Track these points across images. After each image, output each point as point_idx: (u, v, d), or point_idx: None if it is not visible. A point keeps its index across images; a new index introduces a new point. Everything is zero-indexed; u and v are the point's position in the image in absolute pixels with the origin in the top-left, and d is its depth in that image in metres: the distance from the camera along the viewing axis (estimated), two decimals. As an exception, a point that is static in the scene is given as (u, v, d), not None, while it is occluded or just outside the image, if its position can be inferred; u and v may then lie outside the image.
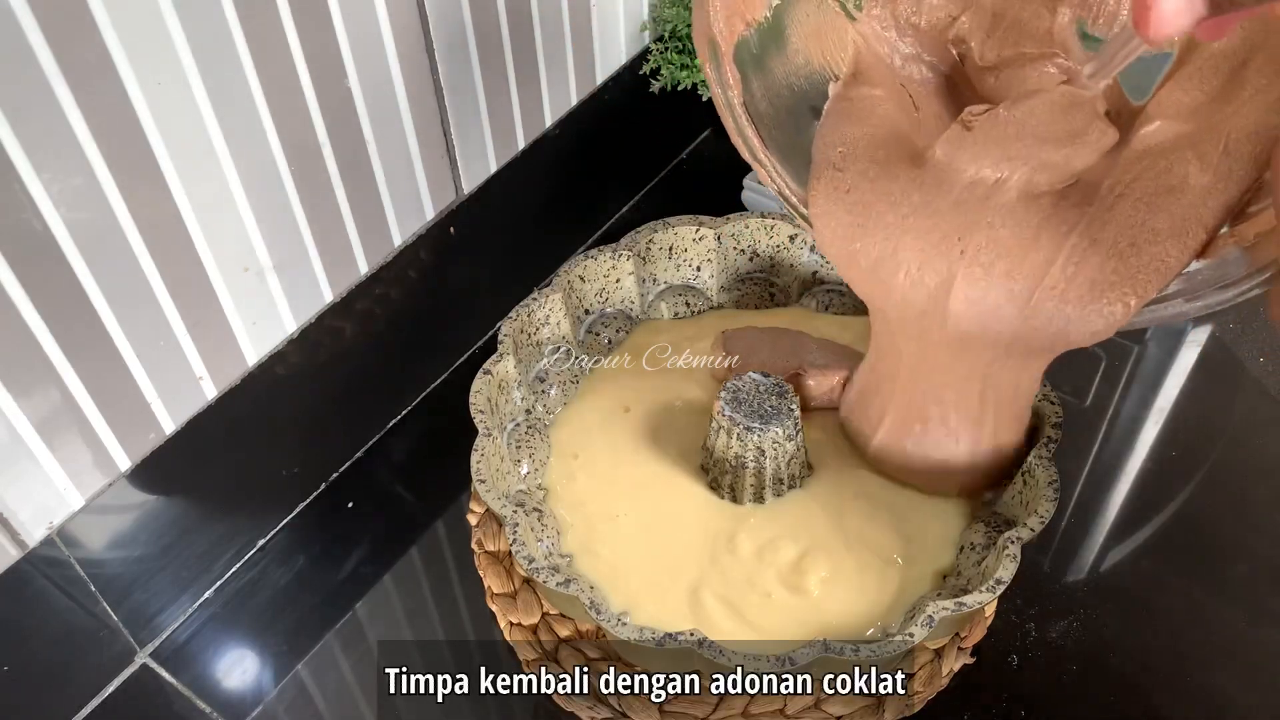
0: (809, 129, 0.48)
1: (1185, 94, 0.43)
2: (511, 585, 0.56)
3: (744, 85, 0.45)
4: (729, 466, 0.54)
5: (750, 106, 0.46)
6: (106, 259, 0.45)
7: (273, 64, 0.48)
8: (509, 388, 0.58)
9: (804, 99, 0.48)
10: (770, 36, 0.47)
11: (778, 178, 0.47)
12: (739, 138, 0.46)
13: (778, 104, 0.47)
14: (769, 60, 0.47)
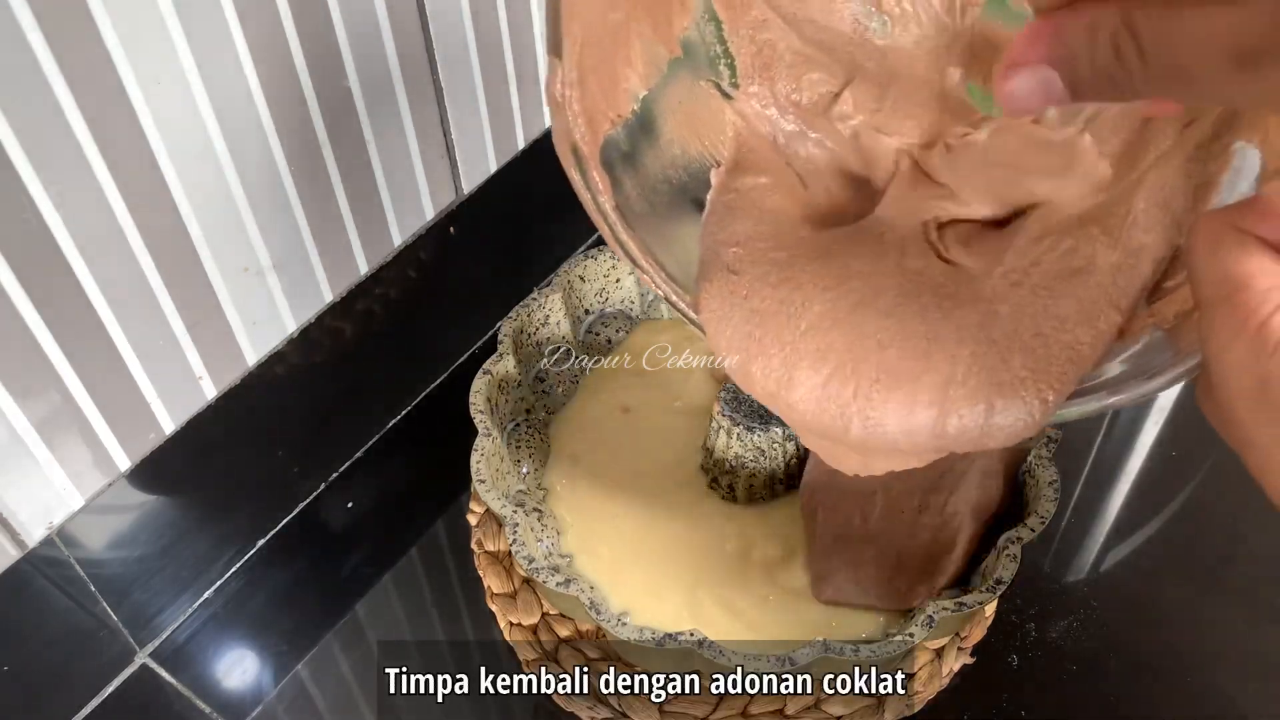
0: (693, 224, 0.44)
1: None
2: (511, 585, 0.56)
3: (616, 186, 0.41)
4: (729, 466, 0.54)
5: (625, 208, 0.42)
6: (106, 259, 0.45)
7: (272, 63, 0.48)
8: (509, 388, 0.58)
9: (684, 192, 0.45)
10: (640, 130, 0.43)
11: (662, 283, 0.42)
12: (615, 244, 0.42)
13: (655, 200, 0.43)
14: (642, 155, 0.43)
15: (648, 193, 0.43)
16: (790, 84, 0.46)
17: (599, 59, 0.40)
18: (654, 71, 0.43)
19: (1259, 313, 0.26)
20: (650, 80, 0.43)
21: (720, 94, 0.45)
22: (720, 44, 0.45)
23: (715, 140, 0.46)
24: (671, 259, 0.43)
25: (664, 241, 0.43)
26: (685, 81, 0.45)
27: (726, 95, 0.46)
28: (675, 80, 0.44)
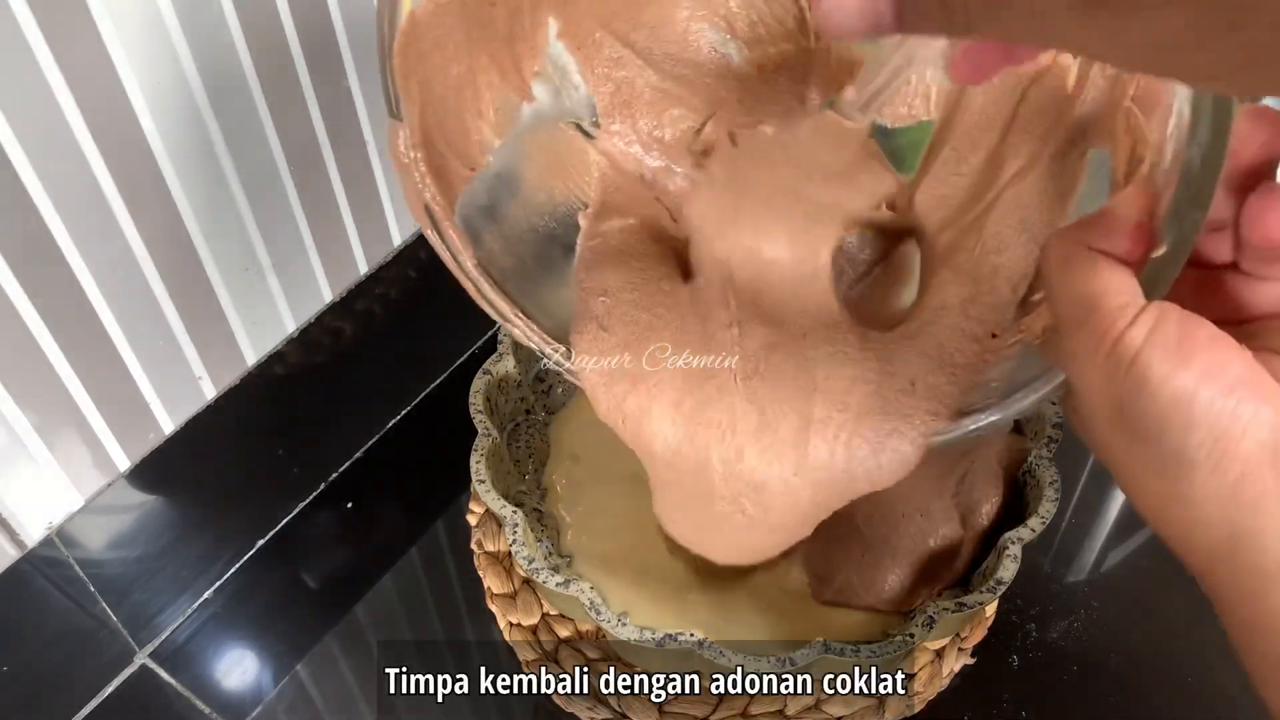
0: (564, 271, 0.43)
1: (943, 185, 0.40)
2: (511, 585, 0.56)
3: (479, 241, 0.40)
4: (729, 466, 0.54)
5: (490, 264, 0.41)
6: (106, 259, 0.45)
7: (272, 63, 0.48)
8: (509, 388, 0.57)
9: (552, 240, 0.44)
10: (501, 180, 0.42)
11: (535, 337, 0.41)
12: (483, 302, 0.40)
13: (522, 252, 0.43)
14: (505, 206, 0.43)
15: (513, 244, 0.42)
16: (652, 120, 0.45)
17: (444, 114, 0.39)
18: (508, 120, 0.42)
19: (1111, 334, 0.26)
20: (504, 129, 0.42)
21: (582, 135, 0.44)
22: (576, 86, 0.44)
23: (581, 182, 0.45)
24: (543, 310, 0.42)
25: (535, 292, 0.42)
26: (544, 126, 0.44)
27: (588, 135, 0.45)
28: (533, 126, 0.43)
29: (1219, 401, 0.25)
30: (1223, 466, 0.25)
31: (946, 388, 0.36)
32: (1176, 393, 0.25)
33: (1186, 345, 0.25)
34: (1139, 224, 0.27)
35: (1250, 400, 0.25)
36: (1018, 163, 0.38)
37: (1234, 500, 0.25)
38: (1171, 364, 0.25)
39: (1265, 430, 0.25)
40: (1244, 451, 0.25)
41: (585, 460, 0.58)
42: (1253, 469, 0.25)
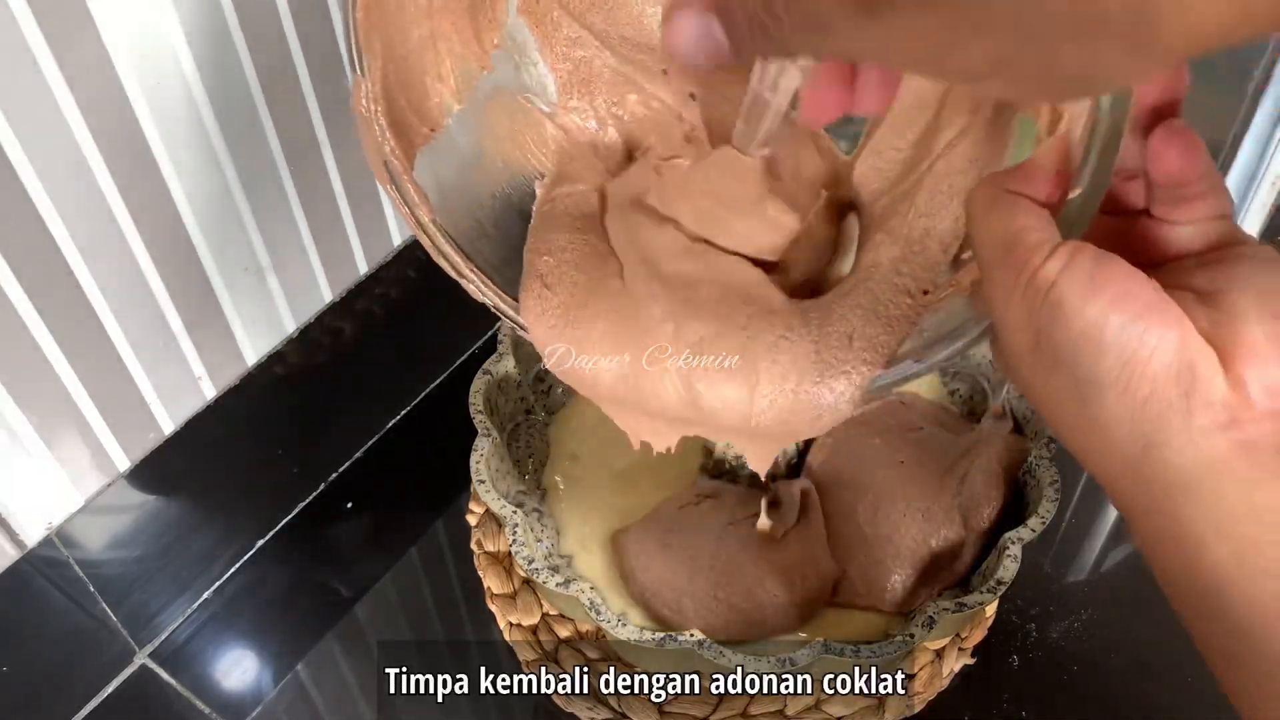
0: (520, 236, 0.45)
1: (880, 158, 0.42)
2: (511, 585, 0.56)
3: (440, 199, 0.42)
4: (729, 467, 0.54)
5: (448, 220, 0.42)
6: (105, 259, 0.45)
7: (272, 63, 0.48)
8: (509, 388, 0.57)
9: (510, 205, 0.45)
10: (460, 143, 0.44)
11: (490, 293, 0.43)
12: (439, 257, 0.42)
13: (480, 215, 0.44)
14: (465, 171, 0.44)
15: (474, 207, 0.44)
16: (610, 100, 0.47)
17: (406, 74, 0.41)
18: (468, 86, 0.44)
19: (1028, 269, 0.28)
20: (464, 95, 0.44)
21: (540, 109, 0.46)
22: (536, 61, 0.46)
23: (539, 154, 0.46)
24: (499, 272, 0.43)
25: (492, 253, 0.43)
26: (504, 96, 0.45)
27: (546, 110, 0.46)
28: (493, 95, 0.45)
29: (1128, 327, 0.26)
30: (1131, 388, 0.27)
31: (882, 337, 0.38)
32: (1088, 320, 0.27)
33: (1098, 277, 0.27)
34: (1058, 171, 0.30)
35: (1157, 325, 0.26)
36: (950, 134, 0.40)
37: (1142, 418, 0.27)
38: (1084, 294, 0.27)
39: (1170, 353, 0.26)
40: (1151, 373, 0.26)
41: (585, 460, 0.58)
42: (1159, 389, 0.26)
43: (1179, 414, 0.26)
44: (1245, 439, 0.26)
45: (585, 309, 0.41)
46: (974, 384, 0.60)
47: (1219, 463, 0.26)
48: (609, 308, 0.41)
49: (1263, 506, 0.26)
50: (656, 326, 0.39)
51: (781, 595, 0.49)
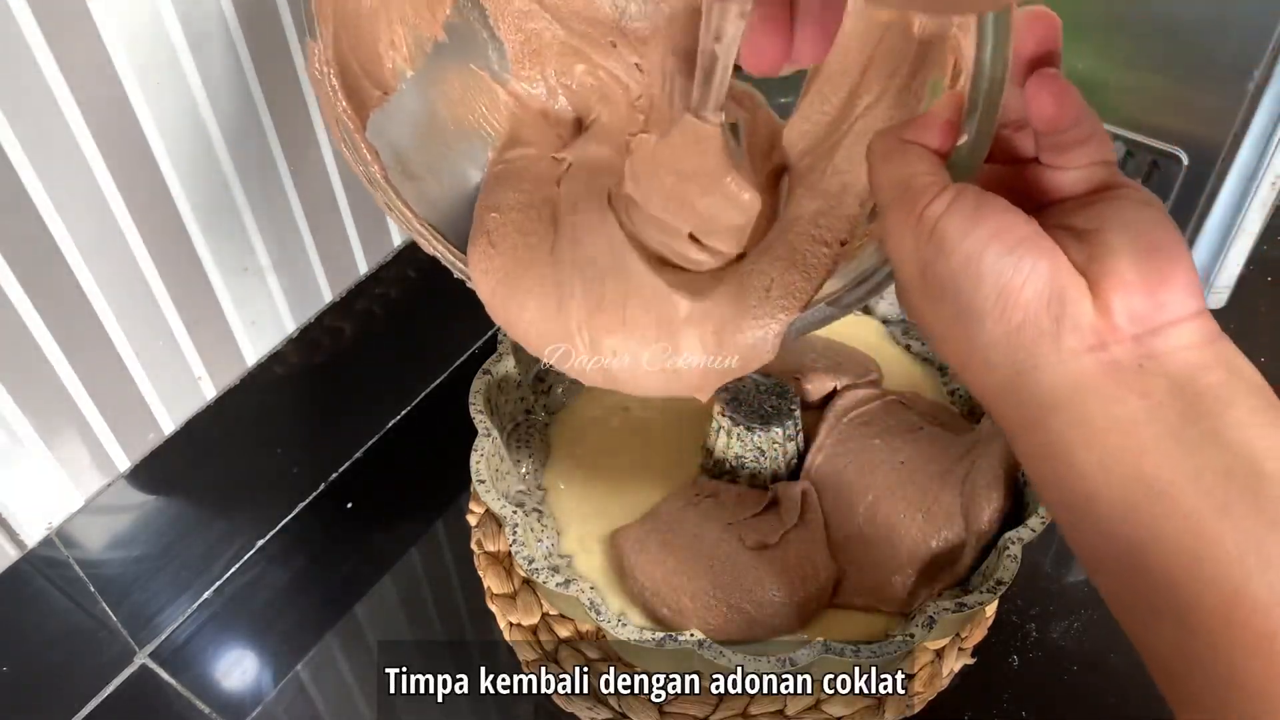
0: (472, 191, 0.47)
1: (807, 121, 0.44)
2: (511, 585, 0.56)
3: (393, 158, 0.44)
4: (729, 466, 0.54)
5: (405, 170, 0.45)
6: (105, 259, 0.45)
7: (272, 63, 0.48)
8: (509, 388, 0.57)
9: (465, 159, 0.48)
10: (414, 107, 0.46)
11: (439, 244, 0.45)
12: (390, 211, 0.44)
13: (433, 174, 0.46)
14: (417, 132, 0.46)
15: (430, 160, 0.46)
16: (559, 70, 0.49)
17: (358, 39, 0.43)
18: (420, 53, 0.46)
19: (917, 207, 0.31)
20: (417, 61, 0.46)
21: (491, 79, 0.48)
22: (488, 30, 0.48)
23: (491, 118, 0.48)
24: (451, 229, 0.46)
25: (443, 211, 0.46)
26: (457, 64, 0.47)
27: (498, 79, 0.48)
28: (446, 63, 0.47)
29: (1003, 258, 0.29)
30: (1007, 314, 0.29)
31: (800, 284, 0.41)
32: (967, 252, 0.29)
33: (979, 214, 0.29)
34: (948, 121, 0.32)
35: (1030, 256, 0.29)
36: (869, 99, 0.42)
37: (1016, 343, 0.29)
38: (964, 229, 0.29)
39: (1042, 281, 0.29)
40: (1024, 300, 0.29)
41: (585, 460, 0.58)
42: (1031, 315, 0.29)
43: (1049, 338, 0.29)
44: (1110, 360, 0.29)
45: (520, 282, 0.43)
46: (974, 384, 0.60)
47: (1085, 381, 0.29)
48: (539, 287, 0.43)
49: (1124, 418, 0.28)
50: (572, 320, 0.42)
51: (781, 595, 0.49)
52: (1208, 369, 0.28)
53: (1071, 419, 0.29)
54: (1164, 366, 0.28)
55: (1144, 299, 0.29)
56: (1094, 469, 0.29)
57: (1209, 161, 0.62)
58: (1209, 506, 0.27)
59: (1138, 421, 0.28)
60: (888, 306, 0.64)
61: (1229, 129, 0.60)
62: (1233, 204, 0.63)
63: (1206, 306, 0.30)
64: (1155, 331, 0.29)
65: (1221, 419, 0.28)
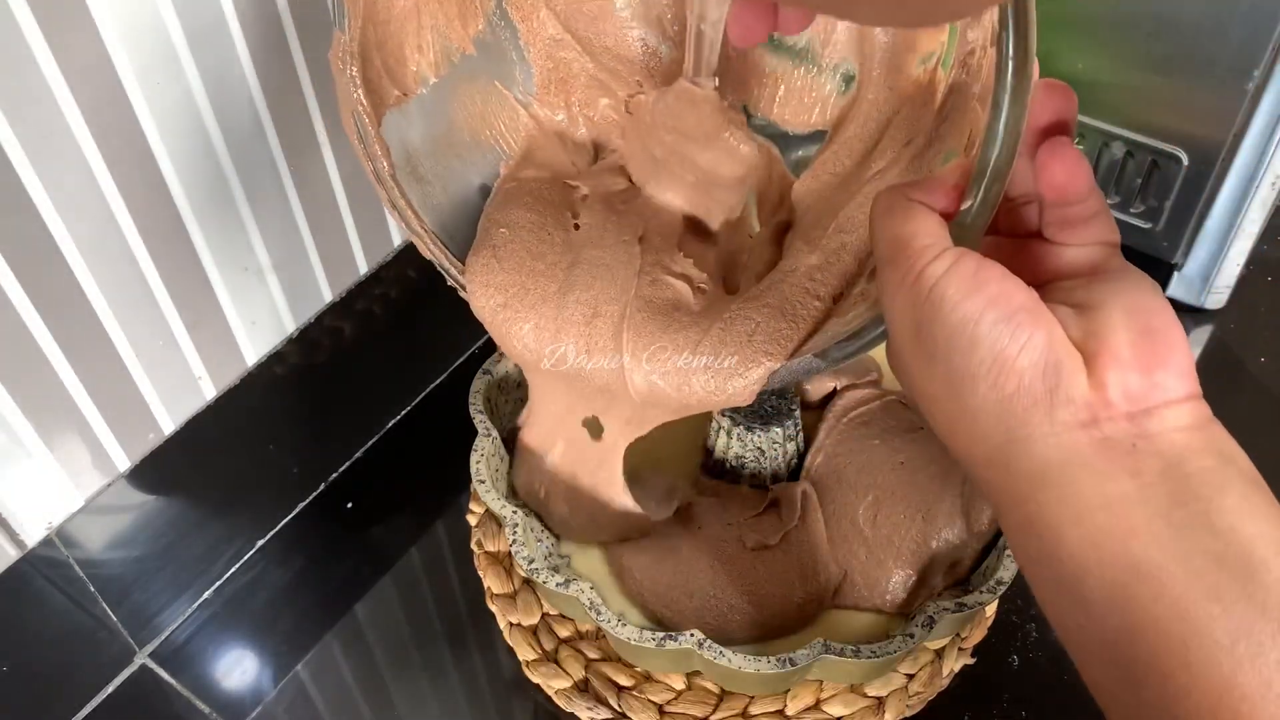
0: (474, 205, 0.48)
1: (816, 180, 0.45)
2: (511, 585, 0.56)
3: (403, 158, 0.45)
4: (729, 466, 0.54)
5: (414, 172, 0.45)
6: (105, 259, 0.45)
7: (272, 63, 0.48)
8: (509, 388, 0.57)
9: (474, 170, 0.48)
10: (432, 112, 0.46)
11: (436, 249, 0.46)
12: (393, 209, 0.45)
13: (441, 181, 0.47)
14: (431, 138, 0.47)
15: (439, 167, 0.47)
16: (584, 101, 0.50)
17: (386, 38, 0.44)
18: (445, 62, 0.47)
19: (916, 266, 0.30)
20: (441, 69, 0.47)
21: (515, 97, 0.49)
22: (517, 52, 0.49)
23: (508, 135, 0.49)
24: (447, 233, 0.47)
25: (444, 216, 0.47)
26: (482, 79, 0.48)
27: (521, 100, 0.49)
28: (470, 75, 0.48)
29: (1000, 324, 0.29)
30: (1000, 381, 0.29)
31: (787, 332, 0.42)
32: (965, 315, 0.29)
33: (979, 279, 0.29)
34: (955, 185, 0.32)
35: (1027, 325, 0.29)
36: (881, 163, 0.43)
37: (1009, 411, 0.29)
38: (963, 292, 0.29)
39: (1038, 351, 0.29)
40: (1019, 368, 0.29)
41: (585, 460, 0.58)
42: (1026, 384, 0.29)
43: (1043, 409, 0.29)
44: (1103, 436, 0.28)
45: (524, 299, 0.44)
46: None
47: (1076, 456, 0.28)
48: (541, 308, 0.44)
49: (1115, 496, 0.28)
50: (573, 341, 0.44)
51: (781, 596, 0.49)
52: (1200, 453, 0.28)
53: (1062, 494, 0.29)
54: (1156, 447, 0.28)
55: (1139, 377, 0.29)
56: (1083, 547, 0.28)
57: (1209, 161, 0.62)
58: (1199, 590, 0.26)
59: (1129, 501, 0.28)
60: (888, 306, 0.64)
61: (1229, 129, 0.60)
62: (1233, 204, 0.63)
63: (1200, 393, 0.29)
64: (1149, 412, 0.28)
65: (1212, 503, 0.27)
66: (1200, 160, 0.62)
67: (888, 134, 0.44)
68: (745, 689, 0.50)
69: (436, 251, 0.46)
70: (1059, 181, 0.31)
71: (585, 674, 0.52)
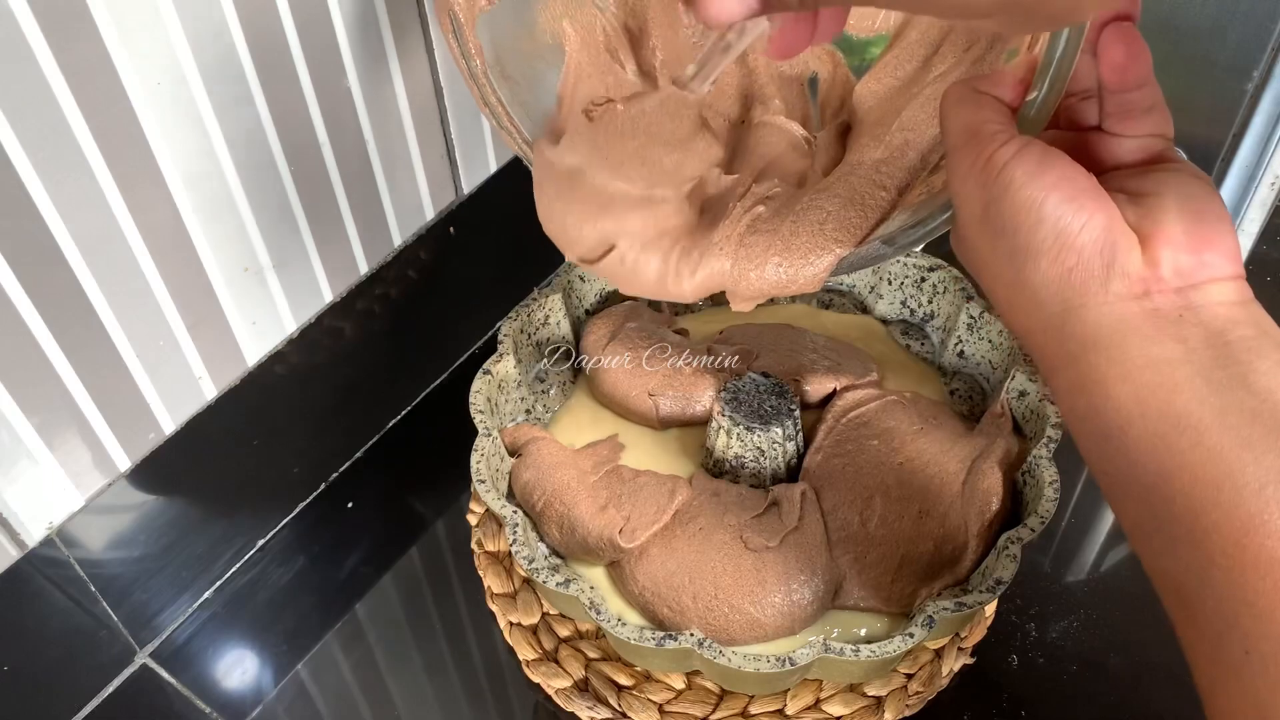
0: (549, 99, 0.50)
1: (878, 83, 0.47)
2: (511, 585, 0.56)
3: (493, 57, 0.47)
4: (729, 466, 0.54)
5: (502, 71, 0.48)
6: (106, 259, 0.45)
7: (272, 64, 0.48)
8: (509, 388, 0.58)
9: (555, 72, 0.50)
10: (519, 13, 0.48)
11: (521, 143, 0.48)
12: (484, 105, 0.48)
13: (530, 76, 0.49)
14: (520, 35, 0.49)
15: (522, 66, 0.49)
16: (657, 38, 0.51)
17: None
18: None
19: (985, 151, 0.33)
20: None
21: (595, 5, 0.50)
22: None
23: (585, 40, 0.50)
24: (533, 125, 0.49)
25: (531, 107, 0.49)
26: None
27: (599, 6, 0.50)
28: None
29: (1064, 205, 0.31)
30: (1061, 257, 0.32)
31: (856, 220, 0.43)
32: (1031, 196, 0.32)
33: (1044, 163, 0.32)
34: (1021, 79, 0.35)
35: (1089, 206, 0.31)
36: (942, 66, 0.45)
37: (1067, 284, 0.32)
38: (1029, 175, 0.32)
39: (1098, 230, 0.31)
40: (1079, 244, 0.31)
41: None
42: (1084, 259, 0.31)
43: (1098, 281, 0.31)
44: (1153, 307, 0.31)
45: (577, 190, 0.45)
46: (974, 384, 0.60)
47: (1127, 323, 0.31)
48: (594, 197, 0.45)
49: (1160, 358, 0.31)
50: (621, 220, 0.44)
51: (782, 596, 0.49)
52: (1240, 324, 0.31)
53: (1110, 355, 0.31)
54: (1201, 318, 0.31)
55: (1189, 256, 0.31)
56: (1128, 401, 0.31)
57: (1208, 162, 0.62)
58: (1233, 440, 0.29)
59: (1173, 362, 0.30)
60: (887, 306, 0.64)
61: (1228, 129, 0.60)
62: (1233, 204, 0.63)
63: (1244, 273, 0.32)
64: (1196, 286, 0.31)
65: (1250, 367, 0.30)
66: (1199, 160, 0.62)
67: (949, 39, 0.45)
68: (745, 688, 0.50)
69: (523, 146, 0.48)
70: (1120, 62, 0.33)
71: (585, 673, 0.52)
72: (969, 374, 0.60)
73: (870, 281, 0.64)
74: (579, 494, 0.51)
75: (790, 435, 0.54)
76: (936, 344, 0.62)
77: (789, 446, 0.54)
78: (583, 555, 0.52)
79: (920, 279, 0.62)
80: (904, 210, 0.43)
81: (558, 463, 0.53)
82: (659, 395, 0.57)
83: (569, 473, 0.52)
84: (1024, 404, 0.55)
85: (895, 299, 0.63)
